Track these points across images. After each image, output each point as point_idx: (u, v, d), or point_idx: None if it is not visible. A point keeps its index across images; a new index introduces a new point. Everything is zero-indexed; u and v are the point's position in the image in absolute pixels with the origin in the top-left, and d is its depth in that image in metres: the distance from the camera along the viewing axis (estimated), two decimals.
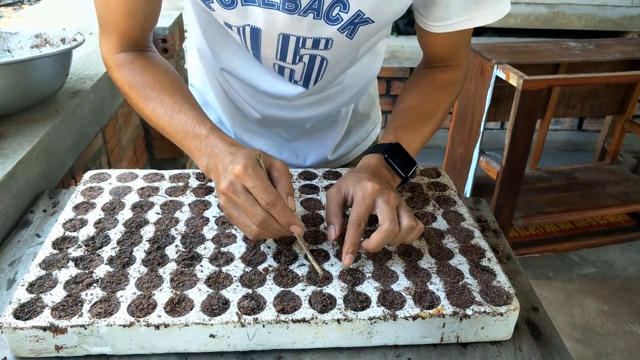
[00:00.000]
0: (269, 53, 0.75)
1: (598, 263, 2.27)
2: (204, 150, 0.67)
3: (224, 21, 0.72)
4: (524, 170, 1.95)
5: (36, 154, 0.89)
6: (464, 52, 0.83)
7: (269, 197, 0.59)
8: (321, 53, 0.75)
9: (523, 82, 1.75)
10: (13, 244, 0.74)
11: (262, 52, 0.75)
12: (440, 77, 0.83)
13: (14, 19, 1.78)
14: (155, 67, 0.76)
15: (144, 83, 0.73)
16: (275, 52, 0.75)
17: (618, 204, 2.23)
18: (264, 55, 0.76)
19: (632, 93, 2.35)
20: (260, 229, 0.60)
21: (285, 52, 0.74)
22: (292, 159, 0.99)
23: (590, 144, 3.05)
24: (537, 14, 2.78)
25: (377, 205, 0.63)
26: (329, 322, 0.56)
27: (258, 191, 0.59)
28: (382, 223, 0.61)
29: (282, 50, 0.74)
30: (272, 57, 0.76)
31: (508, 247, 0.75)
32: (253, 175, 0.60)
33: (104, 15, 0.74)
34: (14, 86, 0.93)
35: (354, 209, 0.63)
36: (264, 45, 0.74)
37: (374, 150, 0.74)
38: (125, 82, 0.75)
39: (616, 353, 1.81)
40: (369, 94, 1.03)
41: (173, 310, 0.56)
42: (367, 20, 0.70)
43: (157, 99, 0.72)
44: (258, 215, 0.59)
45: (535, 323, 0.63)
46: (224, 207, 0.62)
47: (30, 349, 0.55)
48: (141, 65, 0.75)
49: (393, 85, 2.81)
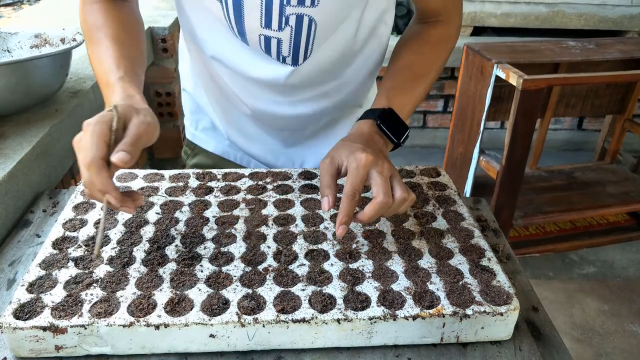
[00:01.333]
0: (252, 19, 0.72)
1: (598, 263, 2.27)
2: (107, 101, 0.66)
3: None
4: (524, 170, 1.95)
5: (36, 154, 0.89)
6: (455, 5, 0.83)
7: (86, 156, 0.57)
8: (308, 12, 0.72)
9: (523, 82, 1.75)
10: (13, 244, 0.74)
11: (245, 21, 0.73)
12: (433, 33, 0.82)
13: (14, 19, 1.78)
14: (112, 12, 0.75)
15: (93, 24, 0.74)
16: (259, 18, 0.72)
17: (618, 204, 2.23)
18: (248, 25, 0.73)
19: (632, 92, 2.35)
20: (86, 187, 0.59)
21: (270, 14, 0.71)
22: (288, 164, 0.98)
23: (590, 143, 3.05)
24: (537, 13, 2.78)
25: (371, 177, 0.62)
26: (329, 322, 0.56)
27: (84, 147, 0.57)
28: (376, 196, 0.61)
29: (266, 13, 0.71)
30: (256, 26, 0.73)
31: (508, 246, 0.75)
32: (88, 131, 0.58)
33: None
34: (14, 86, 0.93)
35: (348, 180, 0.62)
36: (247, 10, 0.71)
37: (366, 116, 0.73)
38: (81, 21, 0.76)
39: (616, 353, 1.81)
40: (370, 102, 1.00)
41: (173, 310, 0.56)
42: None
43: (97, 42, 0.71)
44: (83, 175, 0.58)
45: (535, 323, 0.63)
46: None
47: (30, 349, 0.55)
48: (99, 7, 0.75)
49: None
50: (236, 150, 0.99)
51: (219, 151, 1.00)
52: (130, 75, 0.68)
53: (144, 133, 0.60)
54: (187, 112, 1.02)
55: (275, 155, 0.97)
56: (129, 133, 0.59)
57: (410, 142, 2.97)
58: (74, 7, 2.04)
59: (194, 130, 1.01)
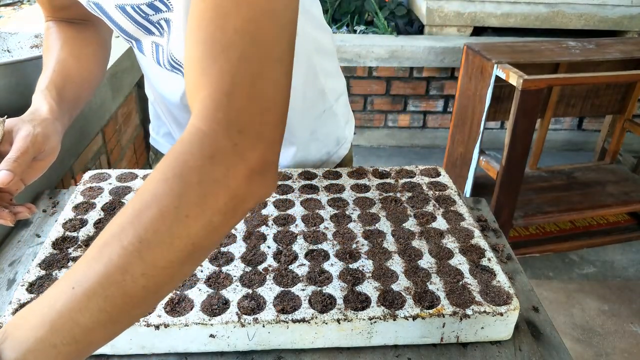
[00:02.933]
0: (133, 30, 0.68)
1: (598, 263, 2.27)
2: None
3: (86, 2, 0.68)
4: (523, 170, 1.95)
5: None
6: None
7: None
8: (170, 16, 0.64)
9: (523, 82, 1.75)
10: (13, 244, 0.74)
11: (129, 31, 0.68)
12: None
13: (14, 19, 1.78)
14: (62, 34, 0.76)
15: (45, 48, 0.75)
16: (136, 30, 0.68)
17: (618, 204, 2.23)
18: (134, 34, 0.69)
19: (632, 92, 2.35)
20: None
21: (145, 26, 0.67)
22: None
23: (590, 143, 3.05)
24: (537, 13, 2.78)
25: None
26: (329, 322, 0.56)
27: None
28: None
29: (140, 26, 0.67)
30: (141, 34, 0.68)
31: (508, 247, 0.75)
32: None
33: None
34: (14, 86, 0.93)
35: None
36: (121, 23, 0.67)
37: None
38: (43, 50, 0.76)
39: (616, 353, 1.80)
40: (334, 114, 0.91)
41: (173, 310, 0.56)
42: None
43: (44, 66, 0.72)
44: None
45: (535, 323, 0.63)
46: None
47: None
48: (53, 32, 0.76)
49: (393, 85, 2.81)
50: None
51: None
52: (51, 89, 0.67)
53: (29, 146, 0.59)
54: (152, 118, 1.01)
55: None
56: (13, 147, 0.59)
57: (410, 142, 2.97)
58: None
59: (156, 136, 1.01)
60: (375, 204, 0.77)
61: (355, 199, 0.78)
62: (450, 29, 2.83)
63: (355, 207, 0.76)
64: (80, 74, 0.74)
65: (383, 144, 2.91)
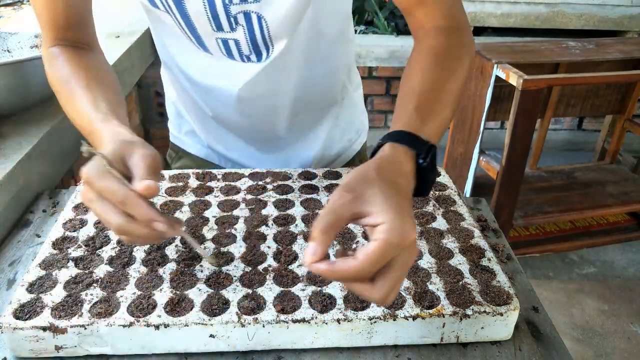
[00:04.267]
0: (203, 25, 0.71)
1: (598, 263, 2.27)
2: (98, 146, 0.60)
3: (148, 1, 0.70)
4: (523, 170, 1.95)
5: (36, 154, 0.89)
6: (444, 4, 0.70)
7: (116, 195, 0.51)
8: (253, 8, 0.69)
9: (523, 82, 1.75)
10: (13, 244, 0.74)
11: (198, 28, 0.72)
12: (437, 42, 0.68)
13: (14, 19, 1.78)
14: (77, 60, 0.72)
15: (61, 77, 0.70)
16: (209, 23, 0.71)
17: (618, 204, 2.23)
18: (201, 31, 0.73)
19: (632, 92, 2.35)
20: (124, 236, 0.54)
21: (217, 17, 0.70)
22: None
23: (590, 143, 3.05)
24: (537, 13, 2.78)
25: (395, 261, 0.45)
26: (329, 322, 0.56)
27: (107, 192, 0.52)
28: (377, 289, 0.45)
29: (213, 16, 0.70)
30: (209, 31, 0.72)
31: (508, 247, 0.75)
32: (98, 176, 0.52)
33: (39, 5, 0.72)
34: (14, 86, 0.93)
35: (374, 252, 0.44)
36: (194, 17, 0.70)
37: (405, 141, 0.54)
38: (50, 77, 0.73)
39: (616, 353, 1.81)
40: (352, 102, 0.97)
41: (173, 310, 0.56)
42: None
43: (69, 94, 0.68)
44: (114, 222, 0.52)
45: (535, 323, 0.63)
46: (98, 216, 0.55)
47: (30, 349, 0.55)
48: (64, 59, 0.72)
49: (393, 85, 2.81)
50: (217, 155, 0.99)
51: (202, 154, 1.00)
52: (111, 114, 0.64)
53: (151, 163, 0.55)
54: (171, 116, 1.02)
55: (257, 160, 0.95)
56: (138, 168, 0.54)
57: None
58: None
59: (178, 134, 1.01)
60: None
61: None
62: None
63: None
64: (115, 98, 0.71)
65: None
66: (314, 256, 0.45)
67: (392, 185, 0.49)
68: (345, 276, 0.45)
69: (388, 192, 0.47)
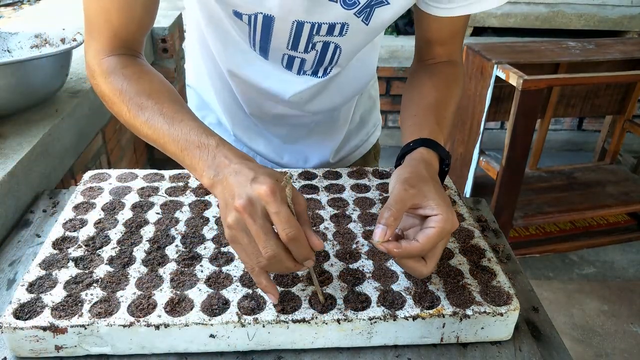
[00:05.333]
0: (280, 43, 0.74)
1: (598, 263, 2.27)
2: (210, 161, 0.58)
3: (233, 10, 0.70)
4: (524, 170, 1.95)
5: (36, 154, 0.89)
6: (460, 46, 0.83)
7: (292, 229, 0.51)
8: (335, 40, 0.74)
9: (523, 82, 1.75)
10: (13, 244, 0.74)
11: (272, 42, 0.74)
12: (448, 70, 0.80)
13: (14, 19, 1.78)
14: (151, 75, 0.69)
15: (138, 90, 0.66)
16: (287, 42, 0.74)
17: (618, 204, 2.23)
18: (273, 45, 0.74)
19: (632, 93, 2.35)
20: (268, 263, 0.52)
21: (298, 40, 0.73)
22: (292, 161, 0.99)
23: (590, 143, 3.05)
24: (537, 13, 2.79)
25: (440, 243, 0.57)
26: (329, 322, 0.56)
27: (281, 219, 0.51)
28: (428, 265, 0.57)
29: (294, 39, 0.73)
30: (282, 47, 0.75)
31: (508, 247, 0.75)
32: (279, 201, 0.51)
33: (95, 11, 0.68)
34: (14, 86, 0.93)
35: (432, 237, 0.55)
36: (275, 34, 0.73)
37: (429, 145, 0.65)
38: (115, 89, 0.66)
39: (616, 353, 1.81)
40: (370, 96, 1.02)
41: (173, 310, 0.56)
42: (382, 2, 0.69)
43: (153, 108, 0.64)
44: (271, 247, 0.51)
45: (535, 323, 0.63)
46: (232, 227, 0.52)
47: (30, 349, 0.55)
48: (136, 72, 0.68)
49: (393, 85, 2.82)
50: (242, 146, 0.99)
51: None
52: (221, 137, 0.61)
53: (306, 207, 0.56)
54: (193, 108, 1.02)
55: (279, 151, 0.98)
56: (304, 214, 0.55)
57: None
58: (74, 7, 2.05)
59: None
60: (375, 204, 0.77)
61: (355, 199, 0.78)
62: None
63: (355, 207, 0.76)
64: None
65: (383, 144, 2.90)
66: (385, 236, 0.55)
67: (437, 182, 0.61)
68: (409, 253, 0.55)
69: (439, 189, 0.59)
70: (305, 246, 0.52)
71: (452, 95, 0.76)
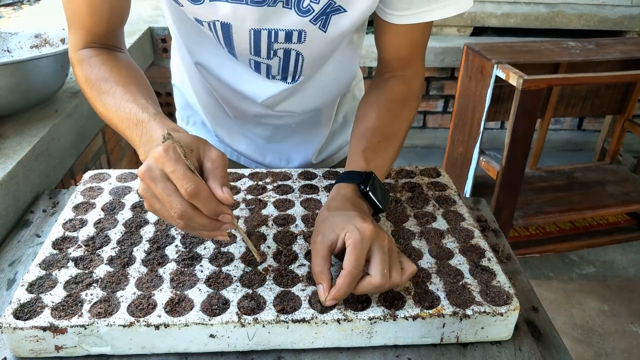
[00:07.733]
0: (242, 49, 0.74)
1: (598, 263, 2.27)
2: (143, 137, 0.60)
3: (194, 17, 0.71)
4: (524, 170, 1.95)
5: (36, 154, 0.89)
6: (420, 57, 0.80)
7: (189, 185, 0.51)
8: (296, 47, 0.74)
9: (523, 82, 1.75)
10: (13, 244, 0.74)
11: (235, 47, 0.74)
12: (399, 89, 0.79)
13: (14, 19, 1.78)
14: (114, 61, 0.72)
15: (99, 76, 0.69)
16: (248, 48, 0.73)
17: (618, 204, 2.23)
18: (238, 51, 0.75)
19: (632, 92, 2.35)
20: (183, 223, 0.53)
21: (259, 47, 0.73)
22: (275, 161, 0.99)
23: (590, 143, 3.05)
24: (537, 13, 2.78)
25: (372, 251, 0.57)
26: (329, 322, 0.56)
27: (177, 177, 0.51)
28: (373, 275, 0.55)
29: (255, 46, 0.73)
30: (246, 53, 0.75)
31: (508, 247, 0.75)
32: (173, 159, 0.52)
33: (69, 11, 0.72)
34: (14, 86, 0.93)
35: (351, 254, 0.56)
36: (236, 41, 0.73)
37: (346, 179, 0.68)
38: (82, 77, 0.71)
39: (616, 353, 1.80)
40: (354, 97, 1.01)
41: (173, 310, 0.56)
42: (338, 9, 0.68)
43: (109, 91, 0.67)
44: (176, 206, 0.52)
45: (535, 323, 0.63)
46: (143, 195, 0.54)
47: (30, 349, 0.55)
48: (100, 60, 0.72)
49: None
50: (224, 147, 1.00)
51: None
52: (161, 112, 0.63)
53: (225, 166, 0.56)
54: (178, 107, 1.03)
55: (262, 151, 0.98)
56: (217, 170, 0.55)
57: (410, 142, 2.97)
58: None
59: (185, 125, 1.03)
60: None
61: None
62: (450, 29, 2.83)
63: None
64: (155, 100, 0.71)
65: None
66: (327, 292, 0.56)
67: (339, 212, 0.62)
68: (347, 285, 0.55)
69: (337, 217, 0.60)
70: (210, 200, 0.53)
71: (395, 119, 0.76)
